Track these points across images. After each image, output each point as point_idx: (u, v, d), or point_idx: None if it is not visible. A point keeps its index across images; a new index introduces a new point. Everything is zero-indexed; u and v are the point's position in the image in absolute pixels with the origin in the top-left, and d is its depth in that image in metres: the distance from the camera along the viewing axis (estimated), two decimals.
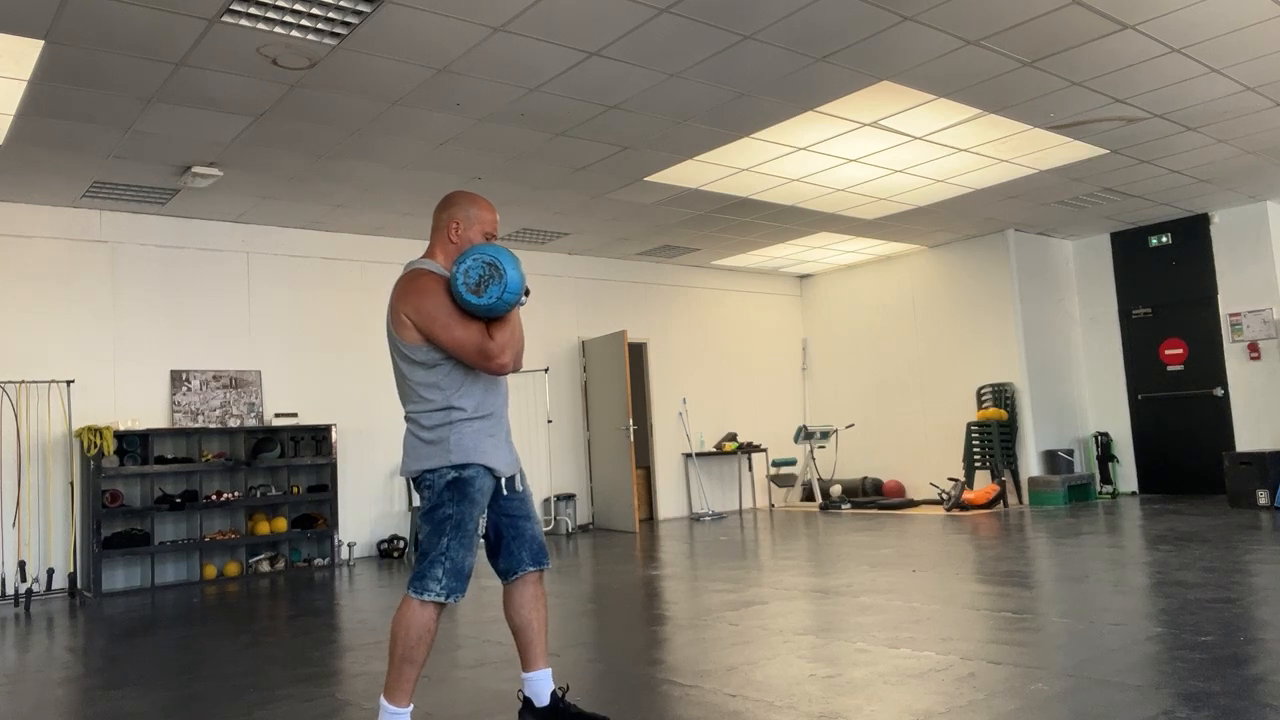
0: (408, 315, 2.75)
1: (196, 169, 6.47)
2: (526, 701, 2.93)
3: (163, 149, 6.12)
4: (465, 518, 2.73)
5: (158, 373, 7.58)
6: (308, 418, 8.15)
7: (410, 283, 2.78)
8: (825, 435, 10.90)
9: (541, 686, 2.91)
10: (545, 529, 9.55)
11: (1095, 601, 4.54)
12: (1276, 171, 8.20)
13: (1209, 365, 9.69)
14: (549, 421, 9.78)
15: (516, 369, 2.87)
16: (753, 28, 4.86)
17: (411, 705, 2.70)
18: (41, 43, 4.54)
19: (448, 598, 2.69)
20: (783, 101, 5.93)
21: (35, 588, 6.83)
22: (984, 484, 10.03)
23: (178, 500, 7.24)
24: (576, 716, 2.88)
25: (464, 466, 2.74)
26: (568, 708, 2.90)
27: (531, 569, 2.90)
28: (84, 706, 3.68)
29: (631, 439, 9.41)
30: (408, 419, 2.85)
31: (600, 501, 9.92)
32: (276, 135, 6.01)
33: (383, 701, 2.69)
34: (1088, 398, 10.64)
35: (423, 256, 2.93)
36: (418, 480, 2.80)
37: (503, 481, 2.87)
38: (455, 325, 2.71)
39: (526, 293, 2.83)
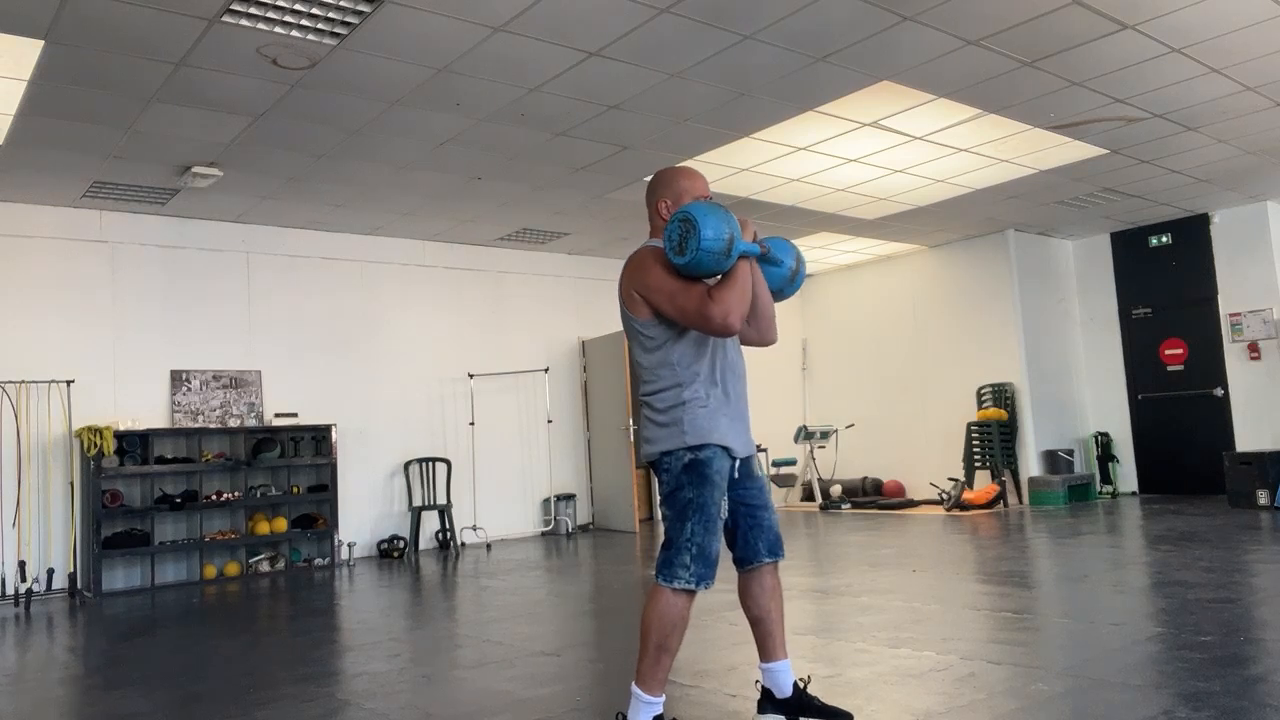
0: (637, 291, 2.74)
1: (196, 169, 6.47)
2: (766, 693, 2.88)
3: (163, 149, 6.12)
4: (707, 501, 2.67)
5: (158, 373, 7.58)
6: (308, 418, 8.15)
7: (636, 260, 2.78)
8: (825, 435, 10.90)
9: (783, 678, 2.86)
10: (545, 529, 9.56)
11: (1095, 601, 4.54)
12: (1276, 171, 8.20)
13: (1209, 365, 9.68)
14: (549, 421, 9.78)
15: (767, 340, 2.84)
16: (753, 28, 4.86)
17: (664, 695, 2.67)
18: (41, 43, 4.54)
19: (698, 585, 2.63)
20: (783, 101, 5.93)
21: (35, 588, 6.83)
22: (984, 484, 10.02)
23: (178, 500, 7.24)
24: (820, 709, 2.84)
25: (700, 448, 2.68)
26: (811, 700, 2.85)
27: (768, 560, 2.85)
28: (84, 706, 3.68)
29: (632, 439, 9.41)
30: (642, 402, 2.81)
31: (600, 501, 9.92)
32: (276, 135, 6.01)
33: (636, 690, 2.64)
34: (1088, 398, 10.64)
35: (651, 237, 2.92)
36: (655, 464, 2.75)
37: (738, 465, 2.81)
38: (678, 293, 2.66)
39: (762, 247, 2.80)
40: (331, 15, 4.46)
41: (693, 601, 2.68)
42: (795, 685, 2.87)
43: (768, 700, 2.88)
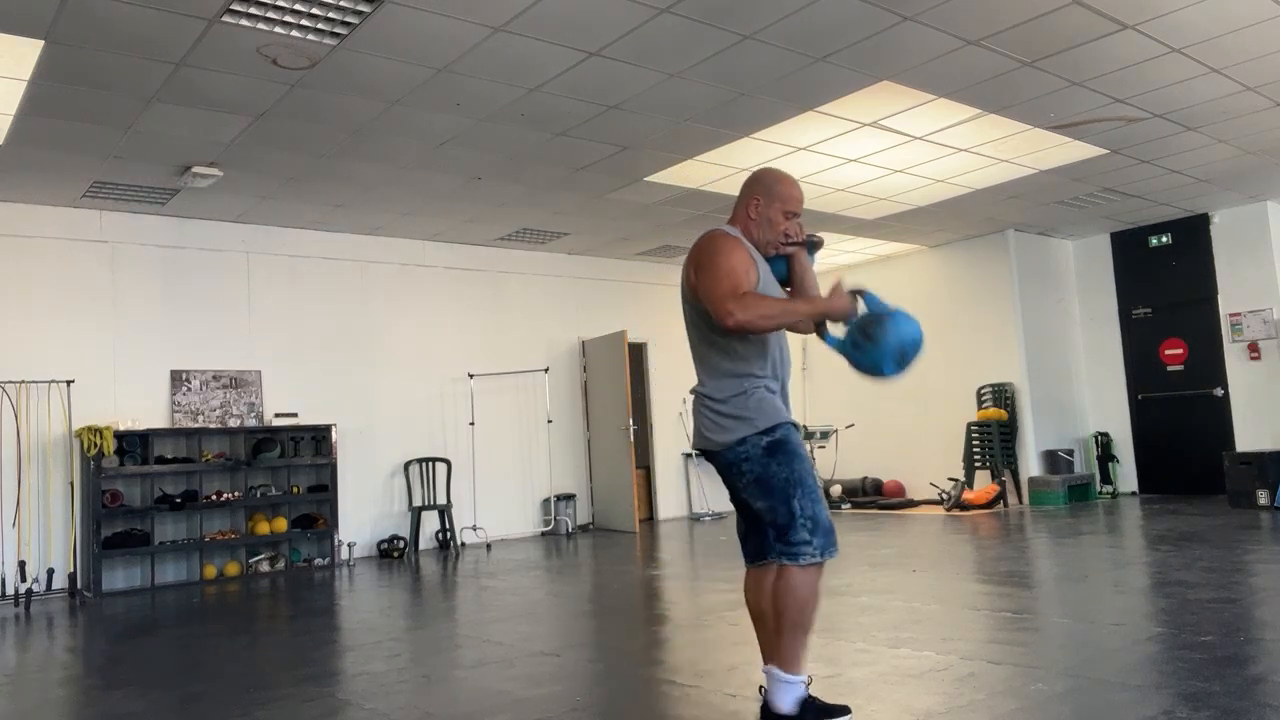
0: (693, 265, 2.72)
1: (196, 169, 6.47)
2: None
3: (163, 149, 6.12)
4: (803, 473, 2.67)
5: (158, 373, 7.58)
6: (308, 418, 8.15)
7: (707, 240, 2.75)
8: (825, 435, 10.90)
9: None
10: (545, 529, 9.55)
11: (1095, 601, 4.54)
12: (1276, 171, 8.20)
13: (1209, 365, 9.68)
14: (549, 421, 9.78)
15: (762, 331, 2.76)
16: (753, 28, 4.86)
17: (805, 674, 2.65)
18: (41, 43, 4.54)
19: (823, 555, 2.63)
20: (783, 101, 5.93)
21: (35, 588, 6.83)
22: (984, 484, 10.02)
23: (178, 500, 7.24)
24: (821, 709, 2.82)
25: (774, 428, 2.68)
26: (813, 701, 2.83)
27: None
28: (84, 706, 3.69)
29: (631, 439, 9.41)
30: (698, 394, 2.79)
31: (600, 501, 9.92)
32: (276, 135, 6.01)
33: (777, 671, 2.62)
34: (1088, 398, 10.64)
35: (726, 223, 2.90)
36: (719, 454, 2.72)
37: None
38: (723, 276, 2.63)
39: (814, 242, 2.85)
40: (331, 15, 4.46)
41: (821, 574, 2.66)
42: None
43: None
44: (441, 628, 4.88)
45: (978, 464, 9.96)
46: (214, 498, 7.42)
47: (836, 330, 2.78)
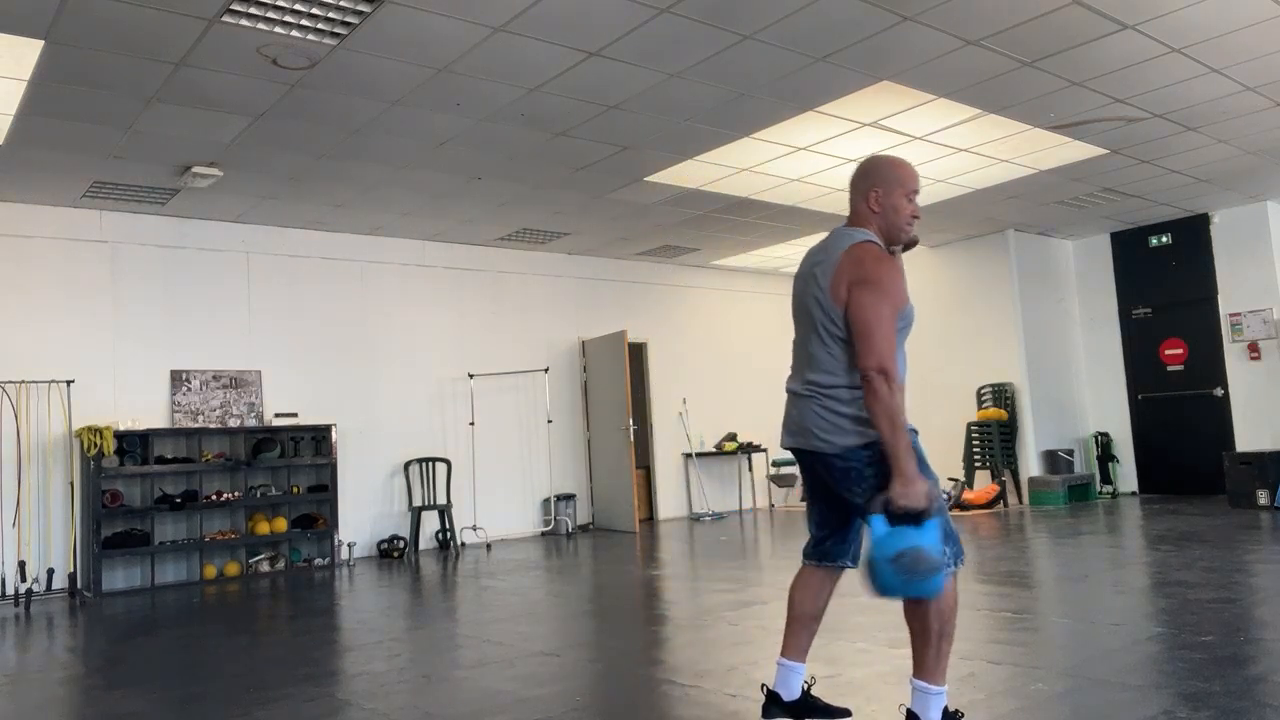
0: (854, 280, 2.61)
1: (196, 169, 6.47)
2: (772, 695, 2.84)
3: (163, 149, 6.12)
4: (931, 481, 2.59)
5: (158, 373, 7.58)
6: (308, 418, 8.15)
7: (869, 261, 2.62)
8: None
9: (797, 680, 2.84)
10: (545, 529, 9.55)
11: (1095, 601, 4.54)
12: (1276, 171, 8.20)
13: (1209, 365, 9.68)
14: (549, 421, 9.78)
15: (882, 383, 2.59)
16: (753, 28, 4.86)
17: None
18: (41, 43, 4.54)
19: (957, 562, 2.58)
20: (783, 101, 5.93)
21: (35, 588, 6.83)
22: (984, 484, 10.02)
23: (178, 500, 7.24)
24: (824, 709, 2.84)
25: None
26: (815, 701, 2.85)
27: (850, 566, 2.85)
28: (84, 706, 3.69)
29: (631, 439, 9.41)
30: (817, 390, 2.67)
31: (600, 501, 9.92)
32: (276, 135, 6.01)
33: (925, 684, 2.58)
34: (1088, 398, 10.64)
35: (851, 225, 2.76)
36: (833, 456, 2.63)
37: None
38: (885, 328, 2.53)
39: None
40: (331, 15, 4.46)
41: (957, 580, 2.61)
42: (802, 687, 2.87)
43: (774, 703, 2.86)
44: (441, 628, 4.88)
45: (978, 464, 9.96)
46: (214, 498, 7.42)
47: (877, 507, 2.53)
